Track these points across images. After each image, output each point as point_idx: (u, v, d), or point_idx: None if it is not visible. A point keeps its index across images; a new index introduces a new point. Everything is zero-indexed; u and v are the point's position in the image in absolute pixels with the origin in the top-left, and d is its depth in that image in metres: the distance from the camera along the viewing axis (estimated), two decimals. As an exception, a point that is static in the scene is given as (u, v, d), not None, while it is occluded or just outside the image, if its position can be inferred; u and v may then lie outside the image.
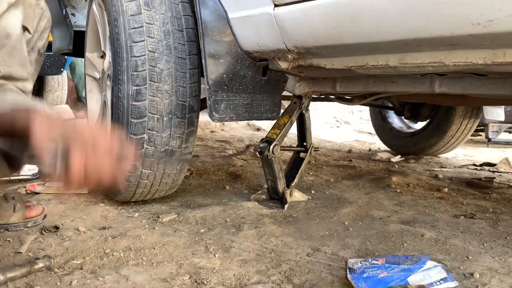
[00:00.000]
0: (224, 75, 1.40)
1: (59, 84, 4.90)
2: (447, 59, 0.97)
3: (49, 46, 2.58)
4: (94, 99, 1.98)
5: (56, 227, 1.34)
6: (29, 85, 1.10)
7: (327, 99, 2.27)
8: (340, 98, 2.15)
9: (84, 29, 2.02)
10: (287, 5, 1.13)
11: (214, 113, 1.42)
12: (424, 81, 1.35)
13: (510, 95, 1.24)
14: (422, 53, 1.01)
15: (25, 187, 1.78)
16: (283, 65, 1.34)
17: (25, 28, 1.20)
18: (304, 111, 1.79)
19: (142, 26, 1.42)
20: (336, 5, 0.99)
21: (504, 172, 2.64)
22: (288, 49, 1.22)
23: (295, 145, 1.93)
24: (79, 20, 2.44)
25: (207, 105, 1.42)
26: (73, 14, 2.44)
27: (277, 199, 1.71)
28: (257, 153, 1.62)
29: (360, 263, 1.09)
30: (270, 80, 1.51)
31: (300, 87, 1.63)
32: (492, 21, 0.74)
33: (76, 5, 2.47)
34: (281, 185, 1.68)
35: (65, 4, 2.31)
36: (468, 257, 1.21)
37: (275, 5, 1.16)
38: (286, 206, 1.64)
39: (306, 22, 1.10)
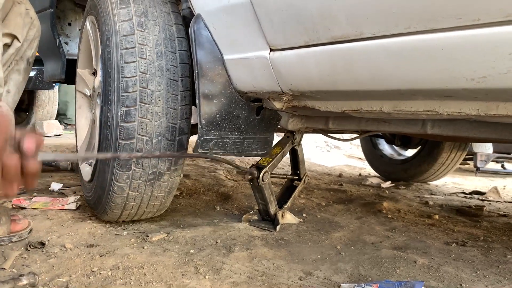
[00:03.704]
0: (218, 115, 1.39)
1: (49, 99, 4.86)
2: (441, 109, 0.99)
3: (41, 61, 2.59)
4: (84, 116, 1.96)
5: (42, 243, 1.31)
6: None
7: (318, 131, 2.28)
8: (332, 132, 2.17)
9: (76, 58, 2.01)
10: (283, 50, 1.14)
11: (199, 148, 1.40)
12: (417, 122, 1.36)
13: (500, 139, 1.27)
14: (416, 101, 1.02)
15: (11, 201, 1.74)
16: (278, 105, 1.35)
17: (14, 37, 1.19)
18: (296, 146, 1.80)
19: (134, 47, 1.41)
20: (331, 53, 1.00)
21: (493, 201, 2.65)
22: (283, 92, 1.22)
23: (287, 169, 1.92)
24: (72, 48, 2.44)
25: (195, 142, 1.40)
26: (66, 43, 2.44)
27: (268, 220, 1.69)
28: (247, 178, 1.61)
29: (354, 288, 1.08)
30: (264, 119, 1.51)
31: (293, 123, 1.63)
32: (485, 78, 0.76)
33: (69, 34, 2.48)
34: (272, 207, 1.66)
35: (58, 33, 2.31)
36: (461, 285, 1.19)
37: (271, 50, 1.17)
38: (278, 227, 1.62)
39: (301, 68, 1.11)
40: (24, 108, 4.88)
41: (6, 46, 1.17)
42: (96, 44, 1.65)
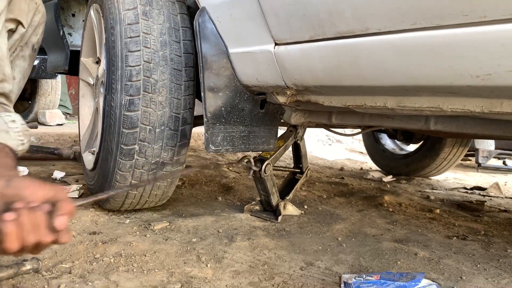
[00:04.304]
0: (223, 108, 1.39)
1: (52, 88, 4.86)
2: (445, 105, 0.99)
3: (44, 50, 2.59)
4: (87, 105, 1.96)
5: (45, 230, 1.31)
6: (7, 86, 1.07)
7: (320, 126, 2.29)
8: (334, 127, 2.17)
9: (80, 48, 2.01)
10: (288, 44, 1.13)
11: (210, 145, 1.39)
12: (420, 118, 1.36)
13: (503, 136, 1.27)
14: (420, 97, 1.02)
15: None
16: (281, 99, 1.35)
17: (18, 22, 1.18)
18: (299, 141, 1.80)
19: (138, 36, 1.40)
20: (336, 48, 0.99)
21: (494, 196, 2.65)
22: (287, 86, 1.22)
23: (288, 162, 1.92)
24: (75, 40, 2.44)
25: (204, 137, 1.40)
26: (70, 34, 2.44)
27: (270, 211, 1.70)
28: (248, 170, 1.61)
29: (355, 278, 1.08)
30: (268, 112, 1.50)
31: (296, 117, 1.62)
32: (491, 75, 0.75)
33: (73, 25, 2.47)
34: (274, 199, 1.67)
35: (62, 24, 2.31)
36: (461, 277, 1.20)
37: (276, 44, 1.17)
38: (280, 217, 1.63)
39: (306, 62, 1.10)
40: (27, 97, 4.88)
41: (11, 31, 1.16)
42: (100, 32, 1.64)
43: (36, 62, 3.96)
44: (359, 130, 2.35)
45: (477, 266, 1.30)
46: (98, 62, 1.75)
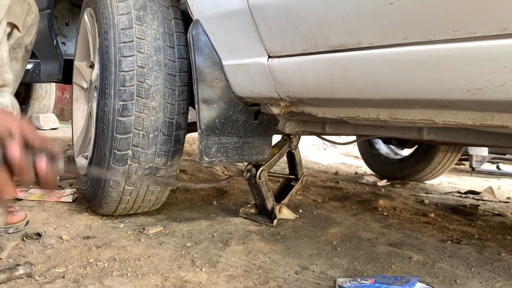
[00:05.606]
0: (217, 120, 1.38)
1: (46, 92, 4.84)
2: (437, 118, 1.00)
3: (35, 56, 2.57)
4: (80, 109, 1.95)
5: (39, 234, 1.31)
6: (7, 90, 1.07)
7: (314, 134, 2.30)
8: (328, 135, 2.18)
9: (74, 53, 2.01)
10: (281, 57, 1.13)
11: (204, 156, 1.38)
12: (413, 128, 1.37)
13: (495, 145, 1.28)
14: (412, 110, 1.03)
15: (7, 193, 1.73)
16: (275, 110, 1.35)
17: (14, 26, 1.18)
18: (293, 150, 1.80)
19: (132, 41, 1.40)
20: (329, 61, 1.00)
21: (488, 200, 2.66)
22: (280, 98, 1.23)
23: (283, 166, 1.93)
24: (69, 48, 2.43)
25: (198, 149, 1.38)
26: (63, 43, 2.43)
27: (265, 214, 1.69)
28: (243, 176, 1.61)
29: (350, 282, 1.08)
30: (262, 123, 1.50)
31: (290, 127, 1.63)
32: (481, 89, 0.76)
33: (67, 34, 2.47)
34: (269, 203, 1.67)
35: (56, 33, 2.30)
36: (456, 281, 1.20)
37: (269, 56, 1.17)
38: (275, 221, 1.63)
39: (299, 75, 1.11)
40: (21, 101, 4.86)
41: (7, 35, 1.16)
42: (94, 37, 1.64)
43: (30, 66, 3.94)
44: (354, 138, 2.36)
45: (471, 270, 1.30)
46: (91, 66, 1.75)
